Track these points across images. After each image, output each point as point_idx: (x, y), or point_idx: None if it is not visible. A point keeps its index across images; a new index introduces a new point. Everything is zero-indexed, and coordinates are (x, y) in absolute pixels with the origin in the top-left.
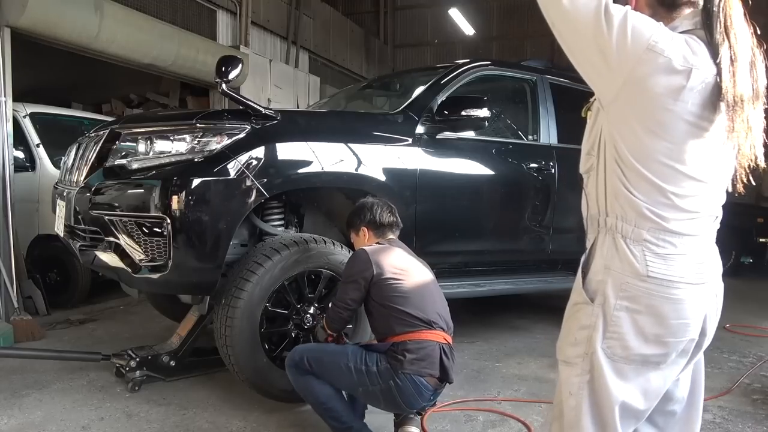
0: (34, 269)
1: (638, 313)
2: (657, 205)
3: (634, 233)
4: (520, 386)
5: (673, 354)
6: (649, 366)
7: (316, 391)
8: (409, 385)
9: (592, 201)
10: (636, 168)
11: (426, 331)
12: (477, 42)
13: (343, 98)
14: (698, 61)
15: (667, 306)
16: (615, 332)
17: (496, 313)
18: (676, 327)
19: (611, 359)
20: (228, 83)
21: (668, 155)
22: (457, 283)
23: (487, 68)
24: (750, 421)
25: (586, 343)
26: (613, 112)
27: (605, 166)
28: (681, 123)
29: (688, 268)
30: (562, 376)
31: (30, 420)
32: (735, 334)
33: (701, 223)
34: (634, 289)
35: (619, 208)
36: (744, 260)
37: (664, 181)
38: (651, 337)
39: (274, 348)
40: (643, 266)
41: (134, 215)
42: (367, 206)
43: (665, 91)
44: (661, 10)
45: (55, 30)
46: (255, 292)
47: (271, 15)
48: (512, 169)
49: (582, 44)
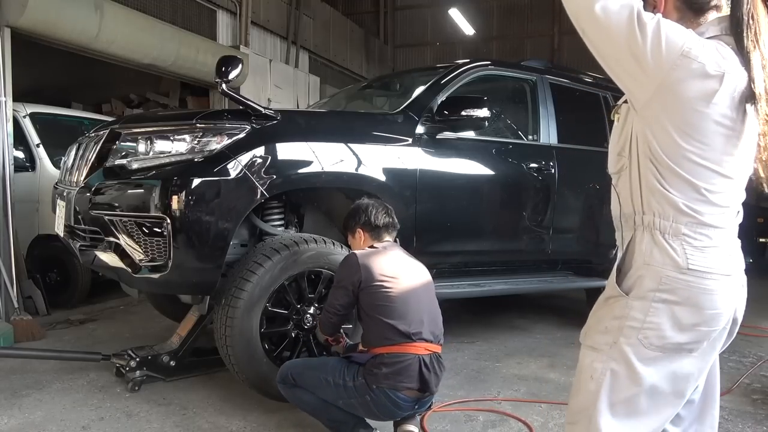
0: (34, 269)
1: (677, 305)
2: (692, 201)
3: (672, 228)
4: (520, 386)
5: (705, 342)
6: (683, 353)
7: (307, 401)
8: (384, 399)
9: (626, 200)
10: (670, 166)
11: (406, 344)
12: (477, 42)
13: (343, 98)
14: (729, 66)
15: (704, 296)
16: (652, 323)
17: (496, 313)
18: (710, 316)
19: (647, 348)
20: (228, 83)
21: (700, 154)
22: (457, 283)
23: (487, 68)
24: (750, 421)
25: (616, 332)
26: (646, 115)
27: (639, 166)
28: (712, 124)
29: (721, 259)
30: (586, 360)
31: (30, 420)
32: None
33: (729, 216)
34: (674, 282)
35: (656, 205)
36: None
37: (697, 178)
38: (687, 327)
39: (274, 348)
40: (683, 259)
41: (134, 215)
42: (362, 208)
43: (698, 94)
44: (689, 14)
45: (55, 30)
46: (255, 292)
47: (271, 15)
48: (512, 169)
49: (614, 50)
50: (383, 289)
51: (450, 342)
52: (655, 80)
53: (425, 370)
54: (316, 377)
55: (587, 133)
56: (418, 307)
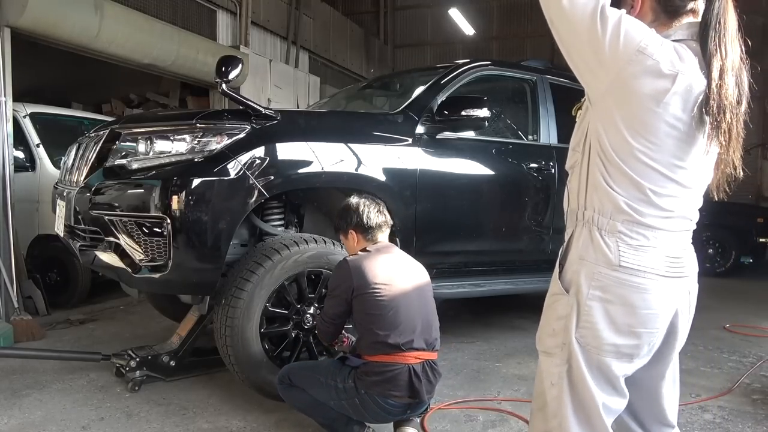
0: (34, 269)
1: (609, 303)
2: (634, 200)
3: (609, 225)
4: (520, 386)
5: (645, 347)
6: (623, 358)
7: (299, 399)
8: (372, 404)
9: (573, 195)
10: (617, 163)
11: (395, 354)
12: (477, 42)
13: (343, 98)
14: (685, 67)
15: (636, 295)
16: (587, 321)
17: (496, 313)
18: (645, 317)
19: (585, 348)
20: (228, 83)
21: (648, 155)
22: (457, 283)
23: (487, 68)
24: (750, 421)
25: (563, 333)
26: (600, 109)
27: (588, 161)
28: (662, 125)
29: (658, 260)
30: (543, 366)
31: (30, 420)
32: (735, 334)
33: (675, 221)
34: (606, 279)
35: (597, 202)
36: (744, 260)
37: (643, 178)
38: (623, 327)
39: (274, 348)
40: (615, 256)
41: (134, 215)
42: (353, 208)
43: (650, 92)
44: (663, 17)
45: (55, 30)
46: (255, 292)
47: (271, 15)
48: (512, 169)
49: (576, 42)
50: (375, 297)
51: (450, 342)
52: (610, 73)
53: (415, 380)
54: (310, 377)
55: None
56: (410, 316)
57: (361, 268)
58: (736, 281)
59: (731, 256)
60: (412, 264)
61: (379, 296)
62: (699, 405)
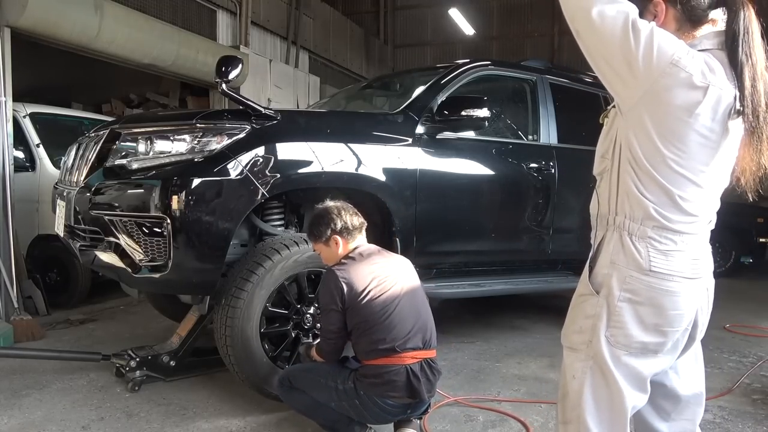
0: (34, 269)
1: (639, 305)
2: (664, 206)
3: (639, 231)
4: (520, 386)
5: (669, 343)
6: (648, 354)
7: (300, 401)
8: (372, 405)
9: (604, 201)
10: (649, 171)
11: (392, 356)
12: (477, 42)
13: (343, 98)
14: (715, 79)
15: (666, 298)
16: (618, 321)
17: (496, 313)
18: (672, 317)
19: (614, 346)
20: (228, 83)
21: (677, 162)
22: (457, 283)
23: (487, 68)
24: (750, 421)
25: (590, 331)
26: (631, 118)
27: (619, 168)
28: (693, 134)
29: (685, 263)
30: (567, 361)
31: (30, 420)
32: (735, 334)
33: (699, 225)
34: (636, 282)
35: (628, 208)
36: (744, 260)
37: (672, 185)
38: (650, 327)
39: (274, 348)
40: (646, 261)
41: (134, 215)
42: (334, 213)
43: (683, 103)
44: (687, 26)
45: (55, 30)
46: (255, 292)
47: (271, 15)
48: (512, 169)
49: (607, 54)
50: (368, 305)
51: (450, 342)
52: (643, 85)
53: (413, 379)
54: (311, 379)
55: (587, 133)
56: (403, 316)
57: (350, 275)
58: (736, 281)
59: (731, 256)
60: (398, 262)
61: (371, 303)
62: None
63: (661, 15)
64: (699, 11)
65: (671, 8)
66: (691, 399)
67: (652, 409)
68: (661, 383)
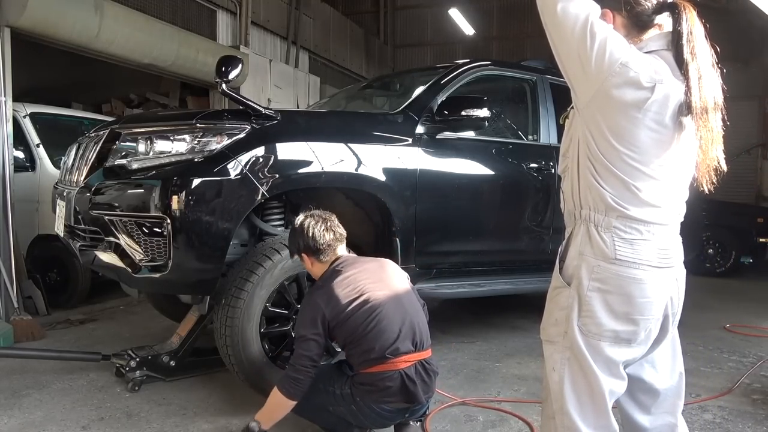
0: (34, 269)
1: (608, 293)
2: (622, 197)
3: (604, 221)
4: (520, 386)
5: (642, 333)
6: (621, 343)
7: (300, 405)
8: (368, 411)
9: (568, 197)
10: (605, 164)
11: (385, 362)
12: (477, 42)
13: (343, 98)
14: (661, 77)
15: (633, 286)
16: (588, 311)
17: (496, 313)
18: (641, 305)
19: (587, 336)
20: (228, 83)
21: (632, 157)
22: (457, 283)
23: (487, 68)
24: (750, 421)
25: (565, 323)
26: (586, 115)
27: (578, 164)
28: (644, 130)
29: (651, 252)
30: (546, 353)
31: (30, 420)
32: (735, 334)
33: (664, 214)
34: (604, 272)
35: (591, 200)
36: (744, 260)
37: (627, 176)
38: (620, 315)
39: (274, 348)
40: (611, 250)
41: (134, 215)
42: (297, 230)
43: (632, 101)
44: (634, 31)
45: (55, 30)
46: (255, 292)
47: (271, 15)
48: (512, 169)
49: (567, 49)
50: (352, 317)
51: (450, 342)
52: (595, 83)
53: (409, 383)
54: (312, 384)
55: None
56: (390, 322)
57: (330, 293)
58: (736, 281)
59: (731, 256)
60: (380, 267)
61: (355, 315)
62: (699, 405)
63: (609, 21)
64: (645, 17)
65: (618, 16)
66: (668, 392)
67: (633, 404)
68: (639, 378)
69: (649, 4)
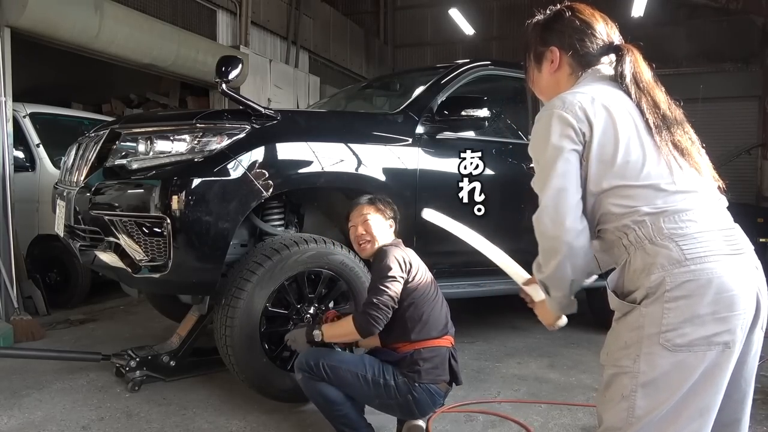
0: (34, 269)
1: (688, 298)
2: (657, 199)
3: (654, 230)
4: (520, 386)
5: (739, 330)
6: (716, 347)
7: (331, 397)
8: (425, 396)
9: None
10: (624, 185)
11: (440, 337)
12: (477, 42)
13: (343, 98)
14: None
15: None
16: (670, 324)
17: (496, 313)
18: (727, 300)
19: (672, 351)
20: (228, 83)
21: (641, 167)
22: (457, 283)
23: (487, 68)
24: (750, 421)
25: (637, 345)
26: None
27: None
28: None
29: (717, 239)
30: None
31: (30, 420)
32: None
33: (703, 196)
34: (678, 277)
35: (631, 224)
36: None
37: (653, 180)
38: (706, 317)
39: (274, 348)
40: (678, 252)
41: (134, 215)
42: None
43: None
44: (579, 69)
45: (55, 30)
46: (255, 292)
47: (271, 15)
48: (512, 169)
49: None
50: (420, 282)
51: None
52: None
53: (453, 363)
54: (353, 373)
55: None
56: (441, 301)
57: (409, 253)
58: None
59: None
60: None
61: (426, 283)
62: None
63: (556, 61)
64: (590, 57)
65: (565, 55)
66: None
67: None
68: None
69: (594, 47)
